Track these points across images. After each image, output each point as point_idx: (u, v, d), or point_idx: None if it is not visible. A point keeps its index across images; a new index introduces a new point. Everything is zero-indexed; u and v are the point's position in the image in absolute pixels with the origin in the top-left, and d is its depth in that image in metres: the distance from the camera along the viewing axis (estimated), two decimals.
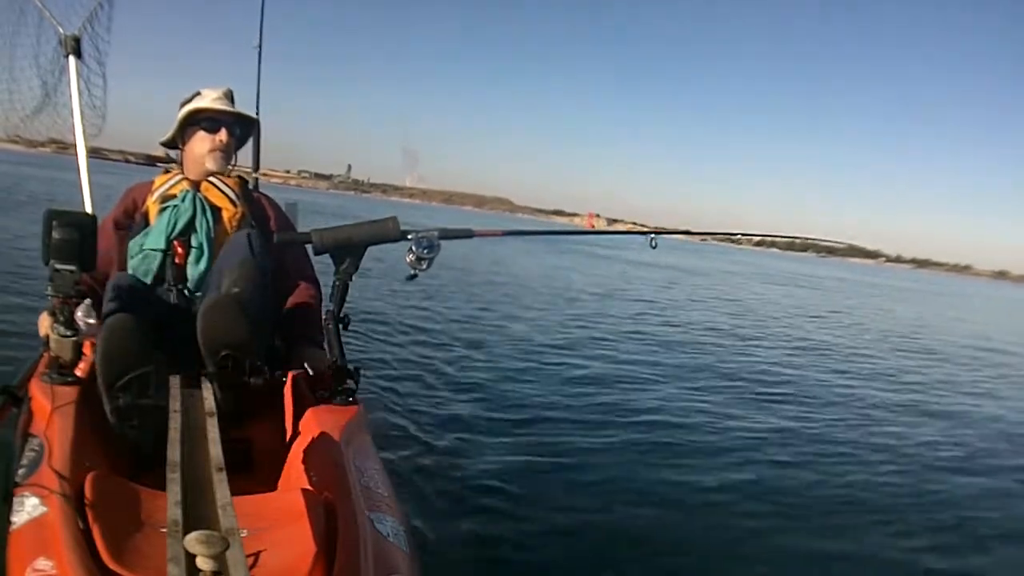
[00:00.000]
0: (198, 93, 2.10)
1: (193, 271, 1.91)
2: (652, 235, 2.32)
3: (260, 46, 3.55)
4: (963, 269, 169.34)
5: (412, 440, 3.13)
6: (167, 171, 2.12)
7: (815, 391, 5.53)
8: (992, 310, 22.52)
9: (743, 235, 3.14)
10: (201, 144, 2.08)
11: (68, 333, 1.58)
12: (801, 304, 14.71)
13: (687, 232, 3.06)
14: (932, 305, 21.79)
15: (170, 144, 2.16)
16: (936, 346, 10.07)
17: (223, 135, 2.10)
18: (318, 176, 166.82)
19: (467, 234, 2.00)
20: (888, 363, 7.68)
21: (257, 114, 3.74)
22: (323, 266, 1.99)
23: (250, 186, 2.27)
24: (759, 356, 6.92)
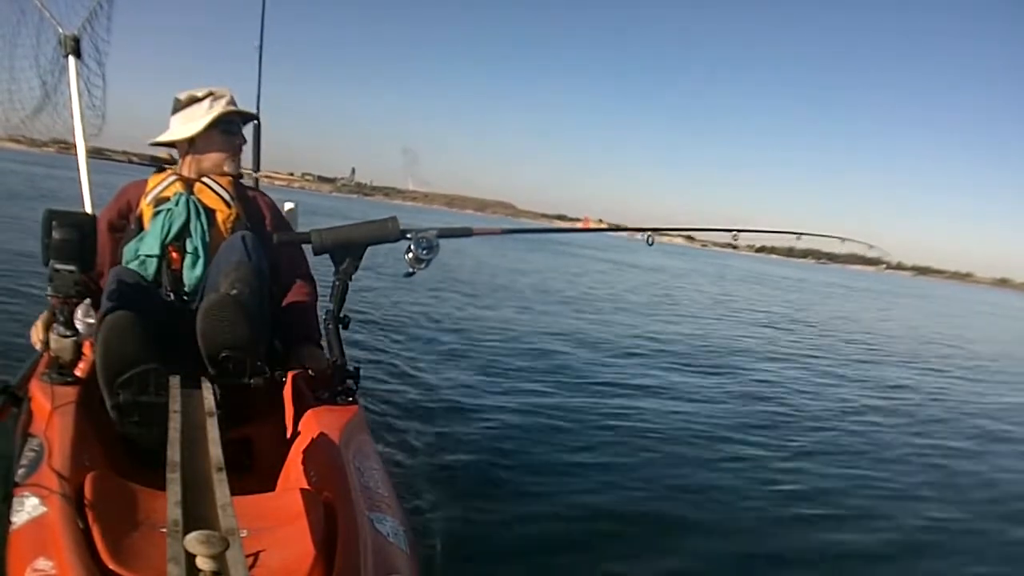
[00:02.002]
0: (211, 93, 2.07)
1: (189, 275, 1.89)
2: (649, 233, 2.33)
3: (260, 46, 3.55)
4: (964, 276, 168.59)
5: (412, 440, 3.12)
6: (161, 170, 2.10)
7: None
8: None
9: (719, 230, 3.11)
10: (221, 147, 2.07)
11: (68, 333, 1.58)
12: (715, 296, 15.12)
13: (679, 229, 3.07)
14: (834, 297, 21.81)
15: (168, 144, 2.14)
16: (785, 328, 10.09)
17: (241, 139, 2.13)
18: (321, 179, 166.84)
19: (466, 233, 2.00)
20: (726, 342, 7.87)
21: (258, 113, 3.74)
22: (323, 266, 1.98)
23: (248, 184, 2.25)
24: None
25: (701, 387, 5.13)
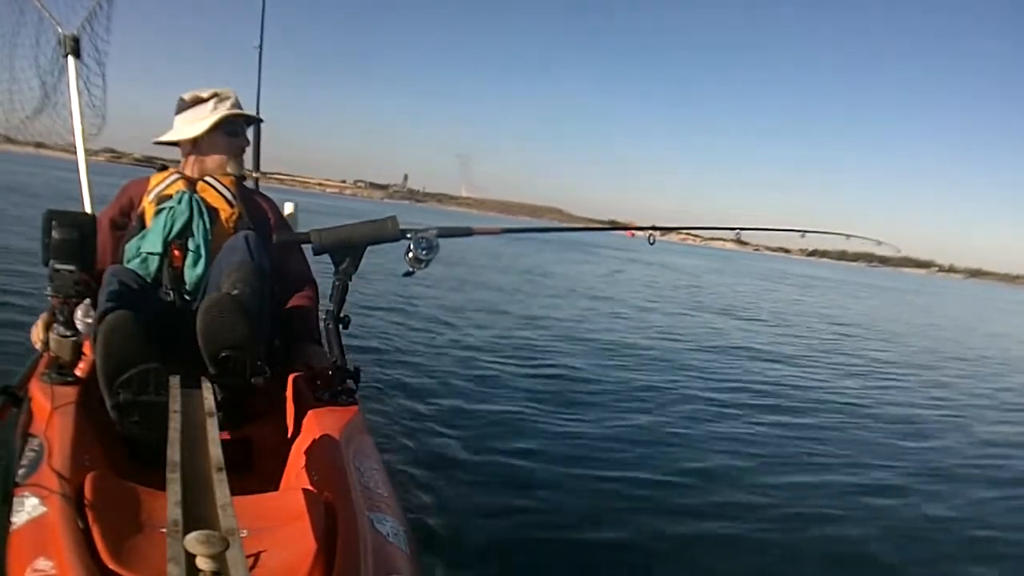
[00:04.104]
0: (215, 94, 2.08)
1: (190, 274, 1.89)
2: (651, 232, 2.35)
3: (260, 46, 3.55)
4: (1014, 279, 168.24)
5: (412, 440, 3.13)
6: (164, 169, 2.10)
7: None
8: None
9: (722, 228, 3.12)
10: (224, 149, 2.08)
11: (68, 333, 1.58)
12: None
13: (681, 229, 3.09)
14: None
15: (172, 143, 2.13)
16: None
17: (243, 141, 2.14)
18: (373, 186, 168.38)
19: (466, 232, 2.00)
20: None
21: (257, 114, 3.74)
22: (323, 266, 1.98)
23: (249, 185, 2.26)
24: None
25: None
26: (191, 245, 1.91)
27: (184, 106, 2.09)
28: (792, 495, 3.11)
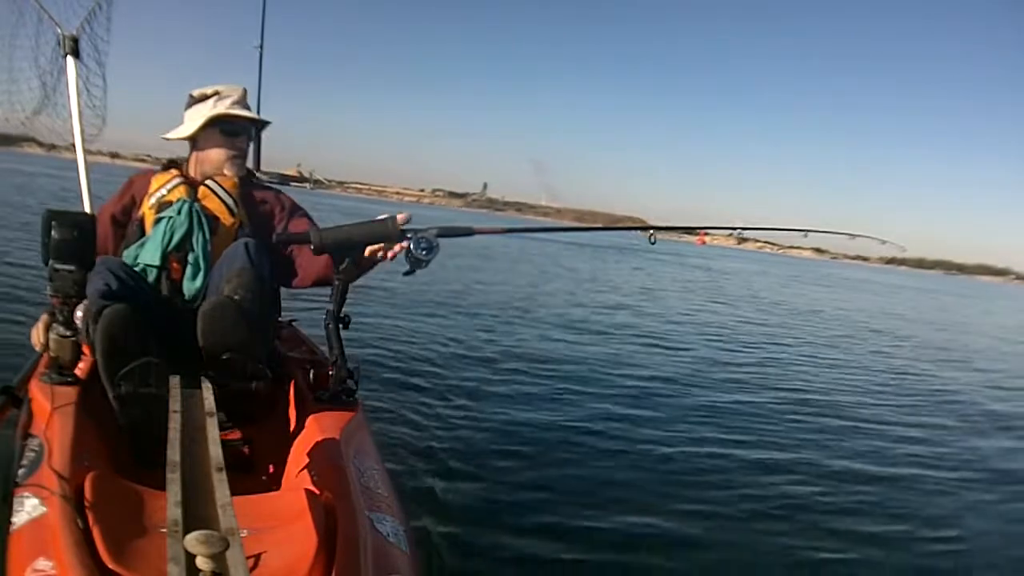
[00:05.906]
0: (216, 92, 2.04)
1: (189, 286, 1.87)
2: (652, 231, 2.35)
3: (261, 46, 3.56)
4: None
5: (412, 440, 3.12)
6: (166, 168, 2.07)
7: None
8: None
9: (723, 228, 3.10)
10: (220, 149, 2.04)
11: (68, 333, 1.58)
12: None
13: (683, 228, 3.09)
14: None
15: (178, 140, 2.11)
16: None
17: (242, 142, 2.07)
18: (452, 194, 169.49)
19: (467, 232, 2.00)
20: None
21: (259, 114, 3.75)
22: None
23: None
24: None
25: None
26: (190, 258, 1.88)
27: (191, 102, 2.06)
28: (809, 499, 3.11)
